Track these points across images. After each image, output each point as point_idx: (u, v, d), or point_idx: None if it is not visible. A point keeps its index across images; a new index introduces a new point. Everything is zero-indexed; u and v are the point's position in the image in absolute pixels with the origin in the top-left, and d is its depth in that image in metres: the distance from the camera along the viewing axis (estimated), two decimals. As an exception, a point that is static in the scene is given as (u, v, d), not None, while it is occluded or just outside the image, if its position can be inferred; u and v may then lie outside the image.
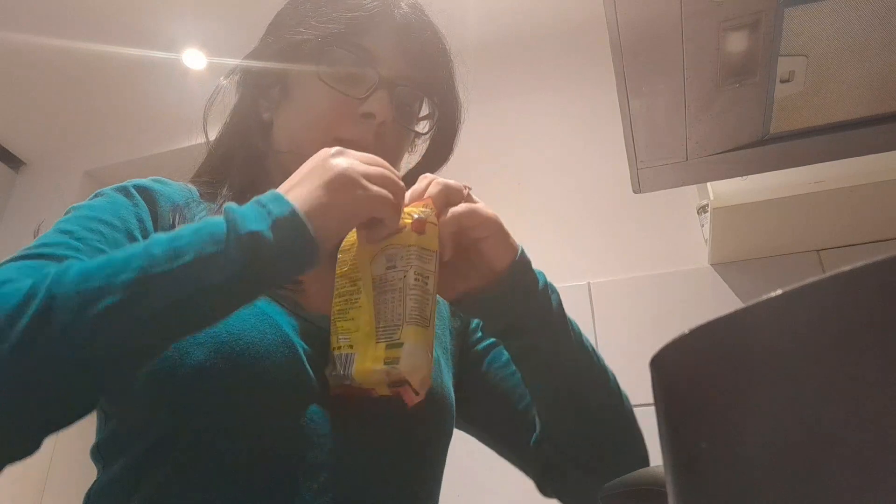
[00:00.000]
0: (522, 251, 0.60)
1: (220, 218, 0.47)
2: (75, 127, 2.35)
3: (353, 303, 0.54)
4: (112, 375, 0.44)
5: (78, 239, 0.53)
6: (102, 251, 0.53)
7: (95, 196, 0.61)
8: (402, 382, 0.50)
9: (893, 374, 0.18)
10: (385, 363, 0.49)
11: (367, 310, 0.53)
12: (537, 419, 0.67)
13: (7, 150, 2.43)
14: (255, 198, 0.48)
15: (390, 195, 0.50)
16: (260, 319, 0.56)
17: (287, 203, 0.47)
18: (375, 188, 0.50)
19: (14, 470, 0.47)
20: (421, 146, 0.75)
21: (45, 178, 2.44)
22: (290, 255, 0.46)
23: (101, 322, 0.42)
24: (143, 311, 0.43)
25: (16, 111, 2.28)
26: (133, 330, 0.43)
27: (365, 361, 0.51)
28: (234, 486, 0.52)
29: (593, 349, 0.66)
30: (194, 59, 2.06)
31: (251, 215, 0.46)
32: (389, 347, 0.50)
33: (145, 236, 0.58)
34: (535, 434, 0.68)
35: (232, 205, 0.48)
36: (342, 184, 0.48)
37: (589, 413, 0.63)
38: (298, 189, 0.49)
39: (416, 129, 0.70)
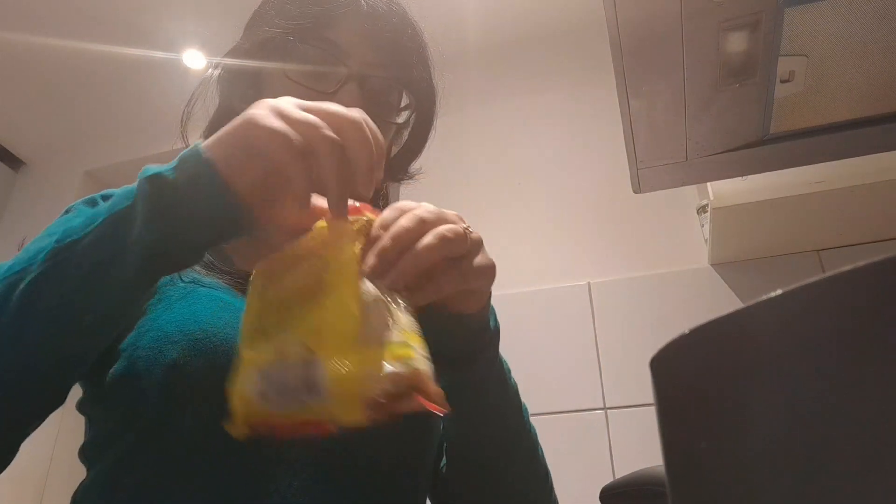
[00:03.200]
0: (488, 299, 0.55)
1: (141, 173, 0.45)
2: (75, 127, 2.35)
3: (311, 302, 0.42)
4: (62, 353, 0.44)
5: None
6: None
7: (66, 212, 0.61)
8: (415, 387, 0.39)
9: (893, 374, 0.18)
10: (393, 364, 0.38)
11: (342, 309, 0.41)
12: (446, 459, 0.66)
13: (7, 150, 2.43)
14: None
15: (303, 127, 0.41)
16: (234, 317, 0.55)
17: (196, 145, 0.44)
18: (290, 118, 0.41)
19: (14, 470, 0.48)
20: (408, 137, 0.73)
21: (45, 178, 2.44)
22: (193, 190, 0.42)
23: (26, 299, 0.41)
24: (64, 280, 0.42)
25: (16, 111, 2.28)
26: (60, 301, 0.42)
27: (348, 367, 0.38)
28: (212, 484, 0.51)
29: (526, 414, 0.63)
30: (194, 59, 2.06)
31: (162, 166, 0.44)
32: (394, 348, 0.40)
33: None
34: (443, 463, 0.67)
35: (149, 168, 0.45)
36: (251, 115, 0.42)
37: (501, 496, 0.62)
38: (230, 131, 0.44)
39: (396, 119, 0.68)
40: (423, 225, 0.45)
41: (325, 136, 0.41)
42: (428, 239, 0.44)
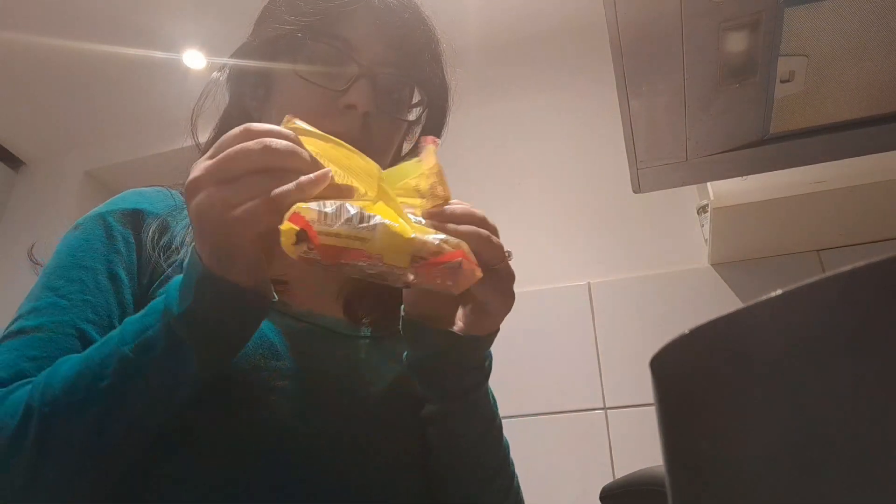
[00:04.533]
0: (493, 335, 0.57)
1: (167, 301, 0.47)
2: (75, 127, 2.35)
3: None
4: (120, 464, 0.49)
5: (62, 296, 0.55)
6: (87, 301, 0.56)
7: (75, 229, 0.62)
8: (461, 252, 0.43)
9: (893, 374, 0.18)
10: (441, 240, 0.42)
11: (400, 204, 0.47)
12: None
13: (7, 150, 2.43)
14: (184, 262, 0.48)
15: (257, 207, 0.42)
16: None
17: (198, 263, 0.45)
18: (237, 212, 0.42)
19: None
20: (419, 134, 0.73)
21: (45, 178, 2.44)
22: (223, 314, 0.46)
23: (92, 431, 0.46)
24: (125, 414, 0.47)
25: (16, 111, 2.28)
26: (123, 429, 0.48)
27: (402, 226, 0.42)
28: (215, 487, 0.52)
29: (506, 447, 0.64)
30: (194, 59, 2.06)
31: (178, 294, 0.46)
32: (443, 237, 0.44)
33: (127, 268, 0.59)
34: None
35: (170, 286, 0.48)
36: (206, 231, 0.44)
37: None
38: (197, 237, 0.46)
39: (407, 117, 0.68)
40: (484, 222, 0.50)
41: (265, 183, 0.42)
42: (479, 229, 0.49)
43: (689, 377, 0.24)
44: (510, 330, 0.60)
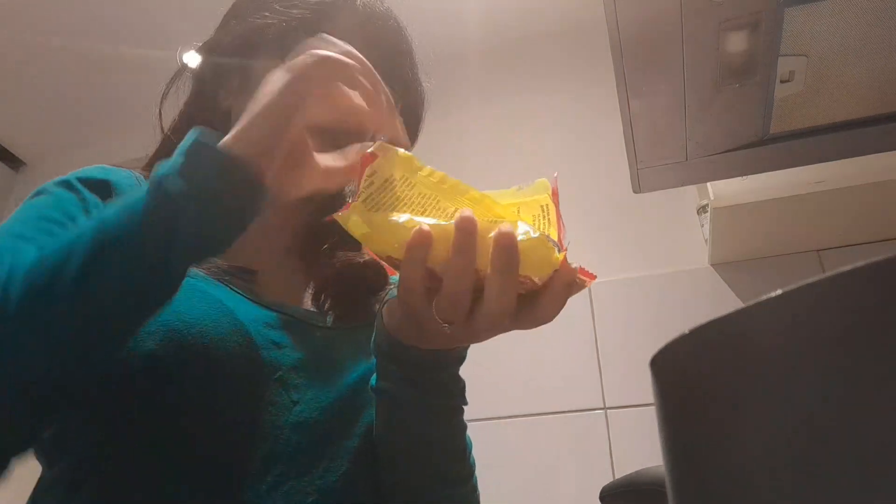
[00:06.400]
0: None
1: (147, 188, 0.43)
2: (75, 127, 2.35)
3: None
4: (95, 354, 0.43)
5: (28, 239, 0.51)
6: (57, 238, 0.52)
7: (37, 194, 0.58)
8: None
9: (893, 373, 0.18)
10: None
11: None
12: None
13: (7, 150, 2.43)
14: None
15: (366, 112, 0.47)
16: (213, 307, 0.54)
17: (206, 133, 0.44)
18: (351, 103, 0.48)
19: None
20: None
21: (45, 178, 2.42)
22: (230, 182, 0.43)
23: (61, 324, 0.40)
24: (101, 298, 0.41)
25: (16, 111, 2.28)
26: (101, 318, 0.42)
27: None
28: (184, 481, 0.50)
29: (469, 454, 0.61)
30: (194, 59, 2.07)
31: (173, 162, 0.43)
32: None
33: None
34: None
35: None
36: (304, 84, 0.46)
37: None
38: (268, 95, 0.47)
39: None
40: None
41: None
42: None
43: (689, 377, 0.24)
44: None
